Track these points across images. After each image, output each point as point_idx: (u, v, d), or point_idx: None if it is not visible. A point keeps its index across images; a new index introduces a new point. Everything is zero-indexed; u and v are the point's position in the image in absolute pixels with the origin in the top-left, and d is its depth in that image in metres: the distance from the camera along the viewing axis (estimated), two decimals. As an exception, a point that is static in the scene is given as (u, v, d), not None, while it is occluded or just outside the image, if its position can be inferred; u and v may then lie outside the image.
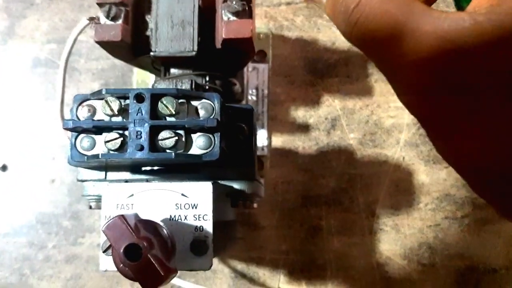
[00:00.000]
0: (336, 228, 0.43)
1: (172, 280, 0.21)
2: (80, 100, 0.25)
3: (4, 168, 0.45)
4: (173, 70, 0.30)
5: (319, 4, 0.20)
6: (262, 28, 0.44)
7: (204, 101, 0.25)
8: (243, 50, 0.30)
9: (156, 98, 0.24)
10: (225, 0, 0.28)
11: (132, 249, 0.20)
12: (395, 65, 0.18)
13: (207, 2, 0.29)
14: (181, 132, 0.24)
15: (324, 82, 0.45)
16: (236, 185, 0.28)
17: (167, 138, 0.24)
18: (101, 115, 0.25)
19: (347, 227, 0.43)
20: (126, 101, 0.24)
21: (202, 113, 0.25)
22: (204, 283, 0.42)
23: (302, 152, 0.44)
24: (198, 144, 0.24)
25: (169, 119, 0.24)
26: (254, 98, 0.43)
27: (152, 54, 0.28)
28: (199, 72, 0.30)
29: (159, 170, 0.27)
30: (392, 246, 0.43)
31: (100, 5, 0.28)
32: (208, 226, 0.24)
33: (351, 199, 0.43)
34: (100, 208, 0.25)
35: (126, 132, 0.24)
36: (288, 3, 0.46)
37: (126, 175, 0.27)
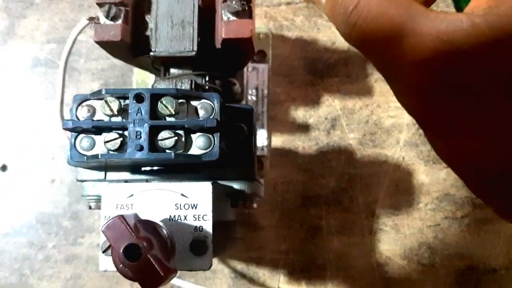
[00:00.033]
0: (336, 228, 0.43)
1: (172, 280, 0.21)
2: (80, 100, 0.25)
3: (4, 168, 0.45)
4: (173, 70, 0.30)
5: (318, 5, 0.20)
6: (262, 28, 0.44)
7: (204, 101, 0.25)
8: (243, 50, 0.30)
9: (155, 98, 0.24)
10: (224, 0, 0.28)
11: (132, 249, 0.20)
12: (393, 66, 0.18)
13: (207, 2, 0.29)
14: (180, 132, 0.24)
15: (324, 82, 0.45)
16: (236, 185, 0.28)
17: (166, 138, 0.24)
18: (100, 115, 0.25)
19: (347, 227, 0.43)
20: (126, 101, 0.24)
21: (201, 113, 0.25)
22: (204, 283, 0.42)
23: (302, 152, 0.44)
24: (198, 144, 0.24)
25: (168, 119, 0.24)
26: (254, 98, 0.43)
27: (152, 54, 0.28)
28: (199, 72, 0.30)
29: (158, 170, 0.27)
30: (392, 246, 0.42)
31: (100, 5, 0.28)
32: (208, 226, 0.24)
33: (351, 199, 0.43)
34: (100, 208, 0.25)
35: (126, 132, 0.24)
36: (288, 3, 0.46)
37: (125, 175, 0.27)
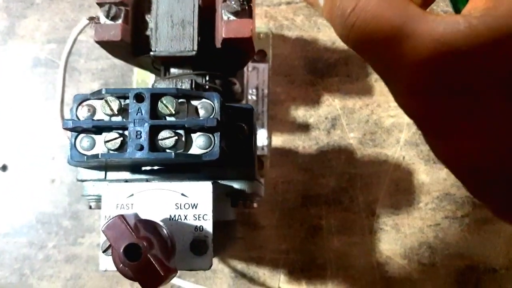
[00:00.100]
0: (336, 227, 0.43)
1: (172, 280, 0.21)
2: (80, 100, 0.25)
3: (4, 168, 0.45)
4: (173, 70, 0.30)
5: (316, 7, 0.20)
6: (262, 28, 0.44)
7: (204, 100, 0.25)
8: (243, 50, 0.30)
9: (156, 98, 0.24)
10: (224, 0, 0.28)
11: (132, 249, 0.20)
12: (392, 67, 0.18)
13: (207, 1, 0.29)
14: (181, 132, 0.24)
15: (324, 81, 0.45)
16: (236, 184, 0.28)
17: (167, 138, 0.24)
18: (101, 115, 0.25)
19: (347, 226, 0.43)
20: (126, 101, 0.24)
21: (202, 112, 0.25)
22: (204, 283, 0.42)
23: (302, 152, 0.44)
24: (198, 143, 0.24)
25: (169, 118, 0.24)
26: (254, 97, 0.43)
27: (152, 53, 0.28)
28: (199, 72, 0.30)
29: (159, 170, 0.27)
30: (392, 245, 0.42)
31: (100, 4, 0.28)
32: (208, 226, 0.24)
33: (351, 199, 0.43)
34: (100, 208, 0.25)
35: (126, 132, 0.24)
36: (288, 3, 0.46)
37: (126, 175, 0.27)
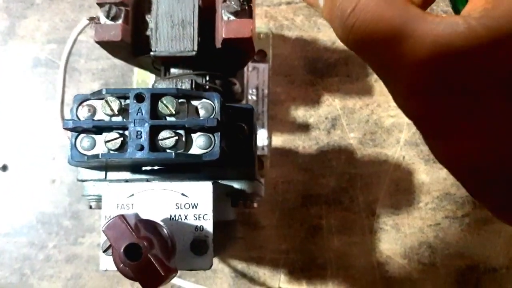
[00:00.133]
0: (336, 227, 0.43)
1: (172, 279, 0.21)
2: (80, 100, 0.25)
3: (4, 168, 0.45)
4: (173, 70, 0.30)
5: (316, 7, 0.20)
6: (262, 28, 0.44)
7: (204, 100, 0.25)
8: (243, 50, 0.30)
9: (156, 98, 0.24)
10: (224, 0, 0.28)
11: (132, 249, 0.20)
12: (392, 67, 0.18)
13: (207, 2, 0.29)
14: (181, 132, 0.24)
15: (324, 81, 0.45)
16: (236, 184, 0.28)
17: (167, 138, 0.24)
18: (101, 115, 0.25)
19: (347, 226, 0.43)
20: (126, 101, 0.24)
21: (202, 112, 0.25)
22: (204, 283, 0.42)
23: (302, 152, 0.44)
24: (198, 143, 0.24)
25: (169, 119, 0.24)
26: (254, 97, 0.43)
27: (152, 54, 0.28)
28: (199, 72, 0.30)
29: (159, 170, 0.27)
30: (392, 245, 0.43)
31: (100, 5, 0.28)
32: (208, 226, 0.24)
33: (351, 199, 0.43)
34: (100, 208, 0.25)
35: (126, 132, 0.24)
36: (288, 3, 0.46)
37: (126, 175, 0.27)
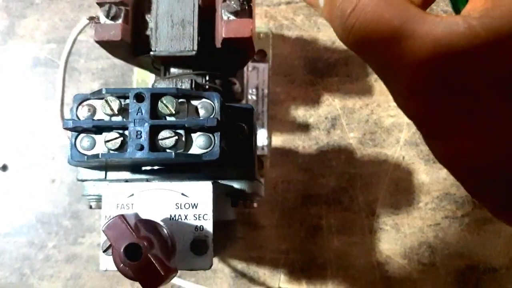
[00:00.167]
0: (336, 227, 0.43)
1: (172, 279, 0.21)
2: (80, 99, 0.25)
3: (4, 168, 0.45)
4: (173, 70, 0.30)
5: (316, 8, 0.20)
6: (262, 28, 0.44)
7: (204, 100, 0.25)
8: (243, 50, 0.30)
9: (156, 98, 0.24)
10: (224, 0, 0.28)
11: (132, 248, 0.20)
12: (391, 68, 0.18)
13: (207, 1, 0.29)
14: (181, 132, 0.24)
15: (324, 81, 0.45)
16: (236, 184, 0.28)
17: (167, 138, 0.24)
18: (101, 115, 0.25)
19: (347, 226, 0.43)
20: (126, 100, 0.24)
21: (202, 112, 0.25)
22: (204, 283, 0.42)
23: (302, 152, 0.44)
24: (198, 143, 0.24)
25: (169, 118, 0.24)
26: (254, 97, 0.43)
27: (152, 53, 0.28)
28: (199, 72, 0.30)
29: (159, 169, 0.27)
30: (392, 245, 0.43)
31: (100, 4, 0.28)
32: (208, 226, 0.24)
33: (351, 198, 0.43)
34: (100, 207, 0.25)
35: (126, 132, 0.24)
36: (288, 3, 0.46)
37: (126, 174, 0.27)
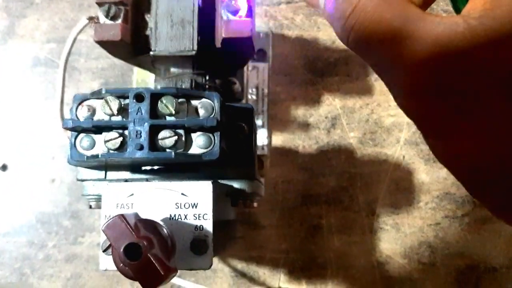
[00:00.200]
0: (336, 227, 0.43)
1: (172, 279, 0.21)
2: (80, 99, 0.25)
3: (4, 167, 0.45)
4: (173, 69, 0.30)
5: (317, 8, 0.20)
6: (262, 27, 0.44)
7: (204, 100, 0.25)
8: (243, 49, 0.30)
9: (156, 98, 0.24)
10: (224, -1, 0.28)
11: (132, 248, 0.20)
12: (392, 68, 0.18)
13: (207, 1, 0.29)
14: (181, 132, 0.24)
15: (324, 81, 0.45)
16: (236, 184, 0.28)
17: (167, 138, 0.24)
18: (101, 115, 0.25)
19: (347, 226, 0.43)
20: (126, 100, 0.24)
21: (202, 112, 0.25)
22: (204, 282, 0.42)
23: (302, 151, 0.44)
24: (198, 143, 0.24)
25: (168, 118, 0.24)
26: (254, 97, 0.43)
27: (152, 53, 0.28)
28: (199, 71, 0.30)
29: (159, 169, 0.27)
30: (392, 245, 0.42)
31: (100, 4, 0.28)
32: (208, 226, 0.24)
33: (351, 198, 0.43)
34: (100, 207, 0.25)
35: (126, 132, 0.24)
36: (288, 2, 0.46)
37: (126, 174, 0.27)
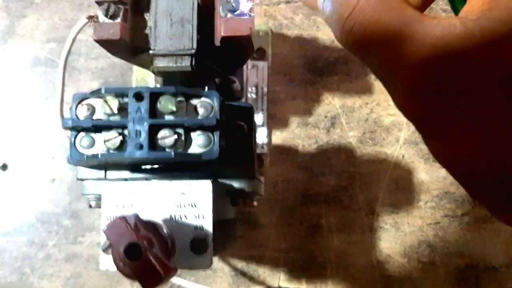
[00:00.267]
0: (336, 226, 0.43)
1: (172, 279, 0.21)
2: (79, 98, 0.25)
3: (4, 167, 0.45)
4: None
5: (316, 10, 0.20)
6: (262, 27, 0.44)
7: (203, 99, 0.25)
8: (242, 48, 0.30)
9: (155, 97, 0.24)
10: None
11: (132, 248, 0.20)
12: (390, 69, 0.18)
13: (206, -1, 0.29)
14: (180, 131, 0.24)
15: (323, 80, 0.45)
16: (236, 183, 0.28)
17: (166, 137, 0.24)
18: (100, 114, 0.25)
19: (347, 225, 0.43)
20: (125, 99, 0.24)
21: (201, 111, 0.25)
22: (204, 282, 0.42)
23: (302, 151, 0.44)
24: (198, 142, 0.24)
25: (168, 117, 0.24)
26: (254, 95, 0.43)
27: (151, 52, 0.28)
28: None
29: (158, 168, 0.27)
30: (392, 244, 0.42)
31: (99, 3, 0.28)
32: (208, 225, 0.24)
33: (350, 197, 0.43)
34: (100, 207, 0.25)
35: (126, 131, 0.24)
36: (287, 2, 0.46)
37: (125, 174, 0.27)
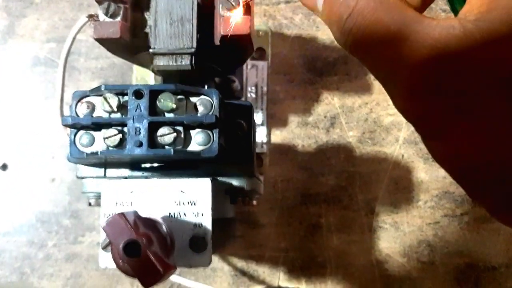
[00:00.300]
0: (336, 225, 0.43)
1: (172, 277, 0.21)
2: (79, 96, 0.25)
3: (4, 167, 0.45)
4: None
5: (316, 11, 0.20)
6: (261, 26, 0.44)
7: (203, 97, 0.25)
8: (242, 47, 0.30)
9: (155, 94, 0.24)
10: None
11: (131, 245, 0.20)
12: (390, 70, 0.19)
13: (206, -2, 0.29)
14: (180, 129, 0.24)
15: (323, 80, 0.45)
16: (235, 181, 0.28)
17: (166, 135, 0.24)
18: (100, 112, 0.25)
19: (346, 224, 0.43)
20: (125, 97, 0.24)
21: (201, 109, 0.25)
22: (204, 281, 0.42)
23: (301, 150, 0.44)
24: (197, 140, 0.24)
25: (168, 115, 0.24)
26: (253, 95, 0.43)
27: (151, 51, 0.28)
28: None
29: (158, 166, 0.27)
30: (391, 243, 0.43)
31: (99, 2, 0.28)
32: (207, 223, 0.24)
33: (350, 197, 0.43)
34: (100, 205, 0.25)
35: (125, 129, 0.24)
36: (287, 2, 0.46)
37: (125, 172, 0.27)
